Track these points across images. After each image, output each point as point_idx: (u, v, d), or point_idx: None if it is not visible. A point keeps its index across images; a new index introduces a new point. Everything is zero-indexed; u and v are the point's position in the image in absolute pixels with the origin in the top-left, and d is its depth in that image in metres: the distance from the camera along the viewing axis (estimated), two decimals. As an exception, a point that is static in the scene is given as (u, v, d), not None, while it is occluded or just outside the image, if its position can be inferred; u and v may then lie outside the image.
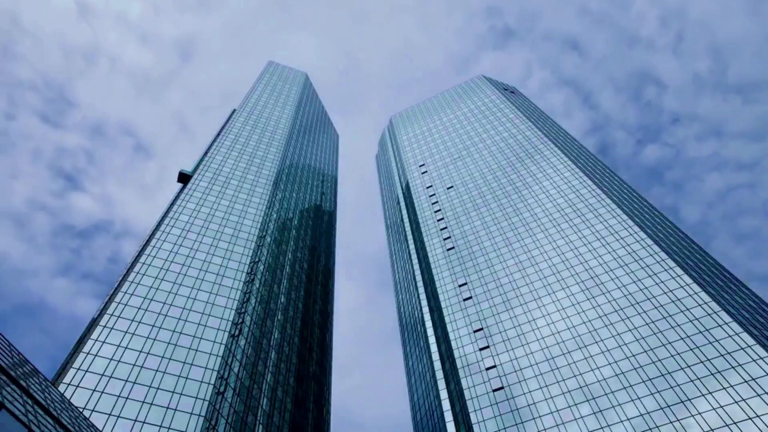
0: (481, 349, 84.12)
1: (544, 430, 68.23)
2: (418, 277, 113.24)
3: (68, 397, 56.60)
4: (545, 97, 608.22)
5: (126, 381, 61.57)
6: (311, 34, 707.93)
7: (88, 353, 63.14)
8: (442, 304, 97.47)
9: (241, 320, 79.06)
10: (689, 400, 63.03)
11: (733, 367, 64.10)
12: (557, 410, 69.80)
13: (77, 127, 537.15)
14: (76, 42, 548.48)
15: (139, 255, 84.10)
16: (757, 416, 58.04)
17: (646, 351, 71.30)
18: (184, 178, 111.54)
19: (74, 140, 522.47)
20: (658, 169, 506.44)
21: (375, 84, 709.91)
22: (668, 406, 63.55)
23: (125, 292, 74.34)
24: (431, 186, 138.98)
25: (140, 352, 66.18)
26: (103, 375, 61.06)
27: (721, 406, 60.74)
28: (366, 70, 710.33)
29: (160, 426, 58.24)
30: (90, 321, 73.64)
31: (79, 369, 60.67)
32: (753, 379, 61.79)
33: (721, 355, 66.03)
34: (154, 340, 68.72)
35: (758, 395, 59.99)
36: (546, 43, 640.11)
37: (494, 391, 76.49)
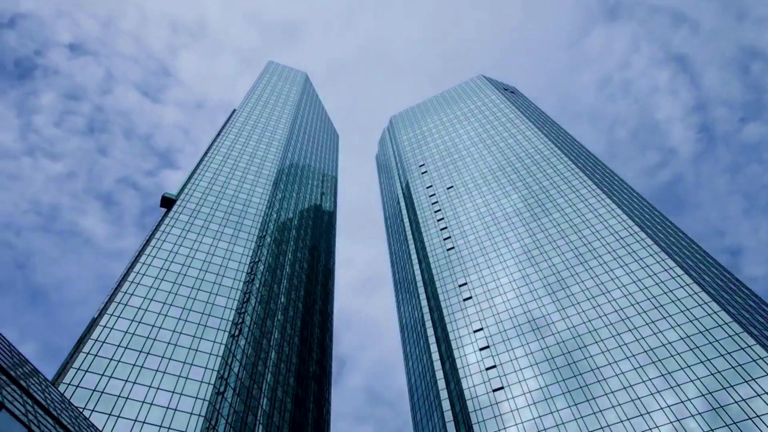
0: (481, 349, 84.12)
1: (544, 430, 68.23)
2: (418, 277, 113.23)
3: (68, 397, 56.59)
4: (651, 74, 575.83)
5: (126, 381, 61.57)
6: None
7: (88, 353, 63.14)
8: (442, 304, 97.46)
9: (241, 320, 79.06)
10: (689, 400, 63.02)
11: (733, 367, 64.10)
12: (557, 410, 69.80)
13: (176, 103, 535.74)
14: (183, 18, 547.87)
15: (139, 255, 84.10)
16: (757, 416, 58.03)
17: (646, 351, 71.30)
18: (167, 202, 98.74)
19: (172, 117, 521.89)
20: (758, 147, 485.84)
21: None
22: (668, 406, 63.55)
23: (125, 292, 74.34)
24: (431, 186, 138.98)
25: (140, 352, 66.18)
26: (103, 375, 61.06)
27: (721, 406, 60.74)
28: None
29: (160, 426, 58.24)
30: (90, 321, 73.64)
31: (79, 369, 60.67)
32: (753, 379, 61.79)
33: (721, 355, 66.03)
34: (154, 339, 68.72)
35: (758, 395, 59.99)
36: (654, 16, 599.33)
37: (494, 391, 76.49)
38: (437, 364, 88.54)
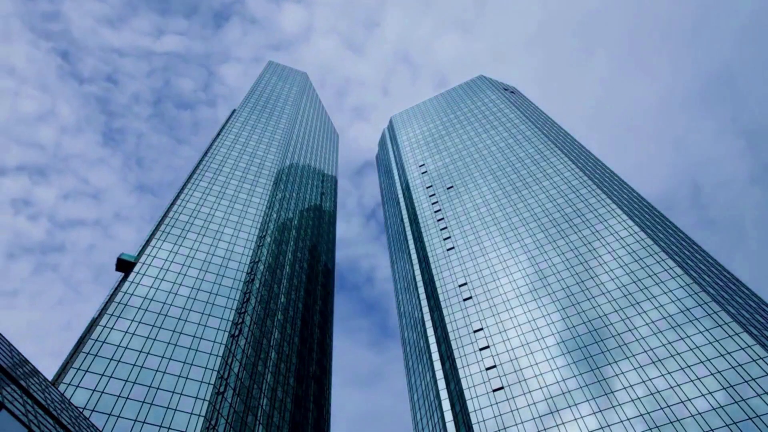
0: (481, 349, 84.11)
1: (545, 430, 68.23)
2: (418, 277, 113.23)
3: (68, 397, 56.58)
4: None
5: (126, 381, 61.58)
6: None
7: (88, 353, 63.15)
8: (442, 304, 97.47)
9: (241, 320, 79.06)
10: (689, 400, 63.04)
11: (733, 367, 64.10)
12: (557, 410, 69.80)
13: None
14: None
15: (139, 255, 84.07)
16: (757, 416, 58.04)
17: (645, 351, 71.30)
18: (123, 265, 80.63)
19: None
20: None
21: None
22: (668, 407, 63.56)
23: (125, 292, 74.35)
24: (431, 186, 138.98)
25: (140, 352, 66.19)
26: (103, 375, 61.07)
27: (721, 406, 60.75)
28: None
29: (160, 426, 58.24)
30: (90, 321, 73.64)
31: (79, 369, 60.68)
32: (753, 379, 61.80)
33: (721, 355, 66.03)
34: (154, 340, 68.72)
35: (758, 395, 59.99)
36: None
37: (494, 391, 76.49)
38: (437, 364, 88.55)
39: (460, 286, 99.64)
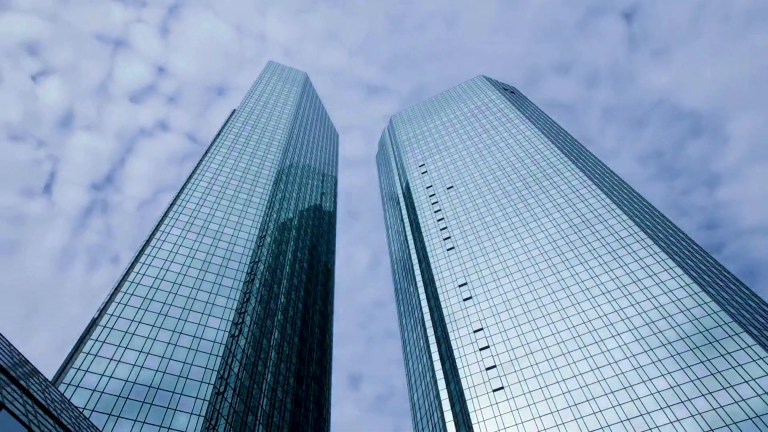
0: (481, 349, 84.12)
1: (545, 430, 68.22)
2: (418, 277, 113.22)
3: (68, 397, 56.59)
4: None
5: (126, 381, 61.57)
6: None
7: (88, 353, 63.15)
8: (442, 304, 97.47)
9: (241, 320, 79.06)
10: (689, 400, 63.03)
11: (733, 367, 64.10)
12: (557, 410, 69.80)
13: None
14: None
15: (139, 255, 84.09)
16: (757, 416, 58.04)
17: (646, 351, 71.31)
18: None
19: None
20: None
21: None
22: (668, 406, 63.56)
23: (125, 292, 74.35)
24: (431, 186, 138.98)
25: (140, 352, 66.19)
26: (103, 375, 61.06)
27: (721, 406, 60.74)
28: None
29: (160, 426, 58.24)
30: (90, 321, 73.63)
31: (79, 369, 60.67)
32: (753, 379, 61.79)
33: (721, 355, 66.03)
34: (154, 340, 68.72)
35: (758, 395, 59.99)
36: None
37: (494, 391, 76.50)
38: (437, 364, 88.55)
39: (460, 286, 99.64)
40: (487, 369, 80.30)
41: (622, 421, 64.57)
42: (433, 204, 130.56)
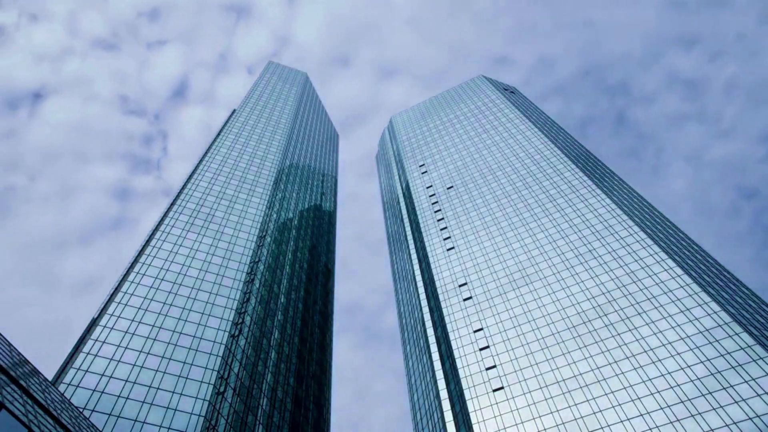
0: (481, 349, 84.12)
1: (545, 430, 68.21)
2: (418, 277, 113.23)
3: (68, 397, 56.58)
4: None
5: (126, 381, 61.57)
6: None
7: (88, 353, 63.15)
8: (442, 304, 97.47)
9: (241, 320, 79.07)
10: (689, 400, 63.03)
11: (733, 367, 64.10)
12: (557, 410, 69.80)
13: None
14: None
15: (139, 255, 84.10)
16: (757, 416, 58.04)
17: (646, 351, 71.31)
18: None
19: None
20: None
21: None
22: (668, 406, 63.56)
23: (125, 292, 74.35)
24: (431, 186, 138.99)
25: (140, 352, 66.19)
26: (103, 375, 61.07)
27: (721, 406, 60.75)
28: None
29: (160, 426, 58.24)
30: (90, 321, 73.64)
31: (79, 369, 60.68)
32: (753, 379, 61.80)
33: (721, 355, 66.03)
34: (154, 340, 68.73)
35: (758, 395, 59.99)
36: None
37: (494, 391, 76.49)
38: (437, 364, 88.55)
39: (460, 286, 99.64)
40: (487, 369, 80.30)
41: (622, 421, 64.57)
42: (433, 204, 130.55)
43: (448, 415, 78.48)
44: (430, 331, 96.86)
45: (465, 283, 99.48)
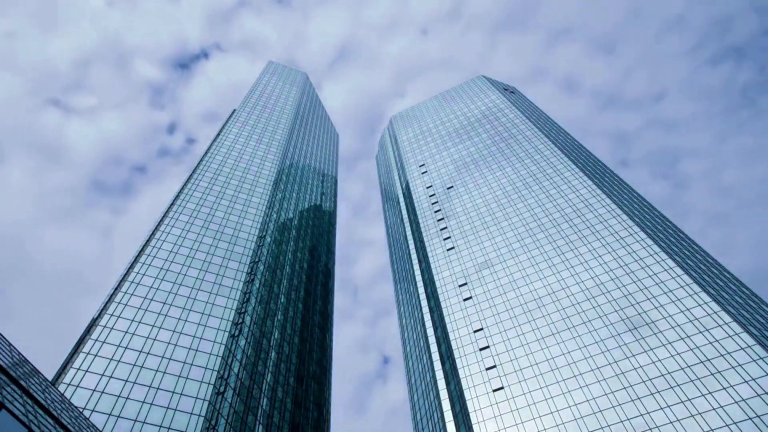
0: (481, 349, 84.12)
1: (545, 430, 68.21)
2: (418, 277, 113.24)
3: (68, 397, 56.60)
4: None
5: (126, 381, 61.58)
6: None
7: (88, 353, 63.15)
8: (442, 304, 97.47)
9: (241, 320, 79.07)
10: (689, 400, 63.04)
11: (733, 367, 64.11)
12: (557, 410, 69.80)
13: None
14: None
15: (139, 255, 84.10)
16: (757, 416, 58.04)
17: (646, 351, 71.31)
18: None
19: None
20: None
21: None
22: (668, 406, 63.57)
23: (125, 292, 74.35)
24: (431, 186, 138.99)
25: (140, 352, 66.20)
26: (103, 375, 61.07)
27: (721, 406, 60.75)
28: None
29: (160, 426, 58.25)
30: (90, 321, 73.64)
31: (79, 369, 60.69)
32: (753, 379, 61.80)
33: (721, 355, 66.04)
34: (154, 340, 68.73)
35: (758, 395, 60.00)
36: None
37: (494, 391, 76.50)
38: (437, 364, 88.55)
39: (460, 286, 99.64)
40: (487, 369, 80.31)
41: (622, 421, 64.58)
42: (433, 204, 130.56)
43: (448, 415, 78.48)
44: (430, 331, 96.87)
45: (465, 283, 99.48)
